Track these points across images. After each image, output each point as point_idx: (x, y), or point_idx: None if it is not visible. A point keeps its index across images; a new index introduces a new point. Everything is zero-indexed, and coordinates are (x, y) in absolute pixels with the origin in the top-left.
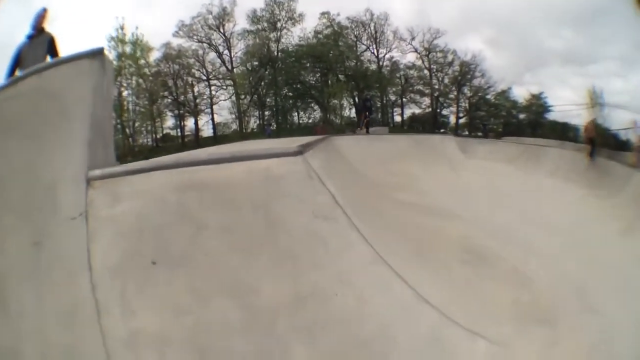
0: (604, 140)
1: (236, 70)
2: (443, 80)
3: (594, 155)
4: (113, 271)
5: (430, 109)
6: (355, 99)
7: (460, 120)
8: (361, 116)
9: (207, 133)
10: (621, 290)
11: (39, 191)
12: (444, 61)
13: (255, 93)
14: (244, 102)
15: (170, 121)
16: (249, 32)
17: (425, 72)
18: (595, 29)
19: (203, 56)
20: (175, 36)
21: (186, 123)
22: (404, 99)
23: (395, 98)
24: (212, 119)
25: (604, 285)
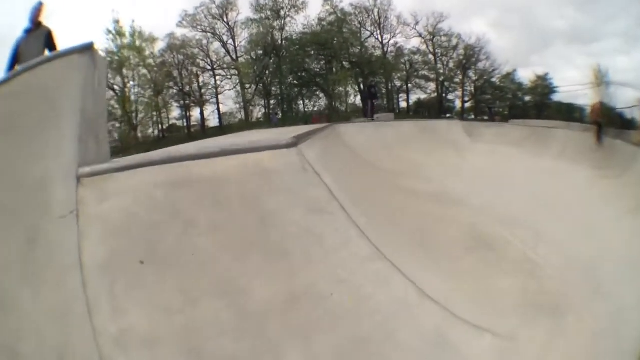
0: (610, 120)
1: (241, 59)
2: (448, 64)
3: (602, 138)
4: (103, 269)
5: (435, 94)
6: (361, 85)
7: (466, 105)
8: (367, 104)
9: (214, 123)
10: (632, 271)
11: (32, 188)
12: (449, 45)
13: (260, 82)
14: (249, 92)
15: (176, 112)
16: (253, 21)
17: (430, 57)
18: (598, 6)
19: (207, 46)
20: (179, 26)
21: (192, 113)
22: (409, 85)
23: (400, 84)
24: (218, 109)
25: (614, 268)
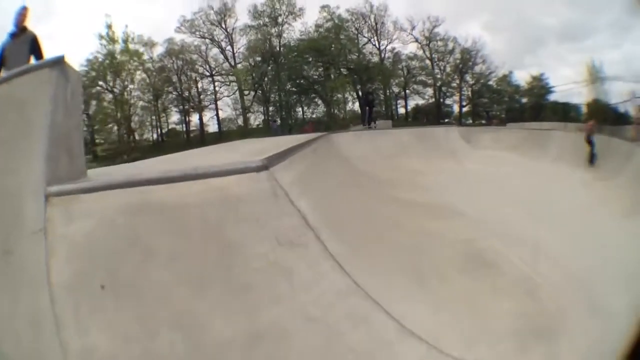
0: (605, 117)
1: (239, 66)
2: (445, 69)
3: (594, 159)
4: (68, 289)
5: (433, 99)
6: (359, 92)
7: (464, 109)
8: (364, 111)
9: (213, 128)
10: (630, 281)
11: (8, 200)
12: (445, 49)
13: (259, 89)
14: (248, 98)
15: (175, 116)
16: (251, 28)
17: (427, 62)
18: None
19: (206, 52)
20: (177, 32)
21: (191, 118)
22: (407, 91)
23: (398, 90)
24: (217, 115)
25: (612, 282)
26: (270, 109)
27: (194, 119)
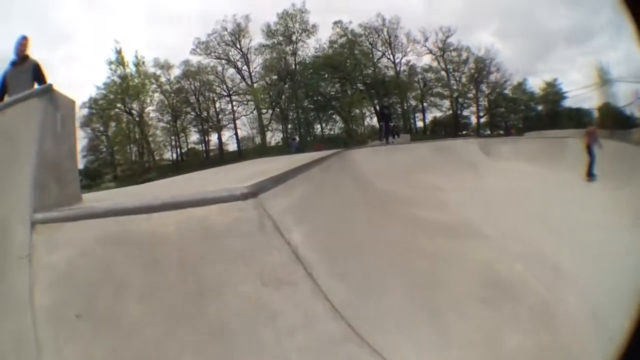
0: (615, 121)
1: (256, 85)
2: (460, 79)
3: (592, 172)
4: (49, 317)
5: (450, 111)
6: (376, 107)
7: (481, 120)
8: (381, 126)
9: (232, 147)
10: None
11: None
12: (459, 59)
13: (277, 107)
14: (266, 117)
15: (194, 136)
16: (266, 47)
17: (443, 74)
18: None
19: (222, 72)
20: (192, 53)
21: (210, 138)
22: (425, 104)
23: (415, 103)
24: (236, 134)
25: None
26: (289, 126)
27: (213, 138)
